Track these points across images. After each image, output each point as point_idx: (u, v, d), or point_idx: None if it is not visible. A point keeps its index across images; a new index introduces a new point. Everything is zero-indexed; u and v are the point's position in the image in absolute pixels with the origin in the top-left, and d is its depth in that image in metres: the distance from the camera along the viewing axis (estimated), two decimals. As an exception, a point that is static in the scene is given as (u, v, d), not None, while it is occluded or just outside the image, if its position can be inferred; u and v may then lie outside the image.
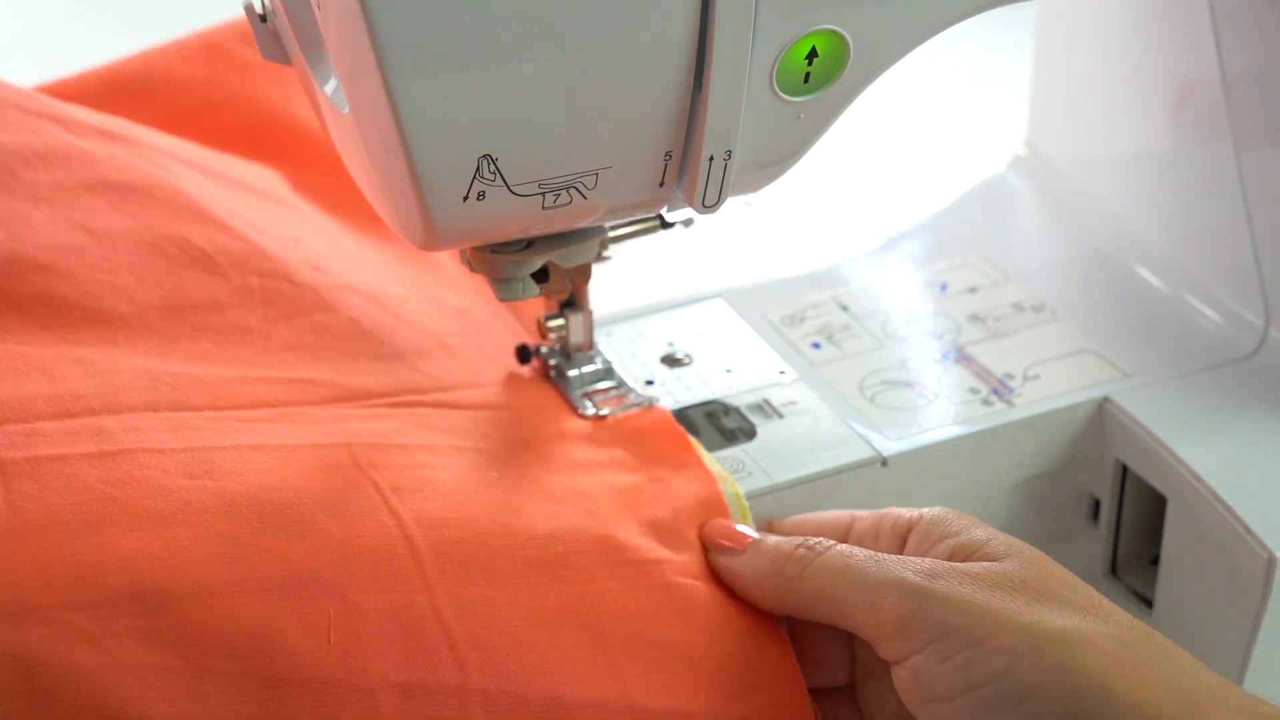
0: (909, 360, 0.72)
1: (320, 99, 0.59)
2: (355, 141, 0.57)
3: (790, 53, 0.55)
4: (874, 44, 0.57)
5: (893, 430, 0.67)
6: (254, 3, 0.60)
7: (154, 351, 0.63)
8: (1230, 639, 0.65)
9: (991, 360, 0.72)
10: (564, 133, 0.54)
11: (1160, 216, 0.77)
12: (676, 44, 0.53)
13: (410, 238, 0.57)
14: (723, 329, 0.74)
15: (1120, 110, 0.78)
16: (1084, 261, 0.79)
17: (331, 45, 0.55)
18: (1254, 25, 0.69)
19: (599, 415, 0.65)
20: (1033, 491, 0.70)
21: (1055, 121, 0.83)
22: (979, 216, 0.83)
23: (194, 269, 0.66)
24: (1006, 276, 0.77)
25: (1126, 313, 0.75)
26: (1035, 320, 0.74)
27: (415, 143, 0.52)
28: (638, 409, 0.66)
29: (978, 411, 0.69)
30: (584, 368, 0.68)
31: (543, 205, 0.56)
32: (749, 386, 0.70)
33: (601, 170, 0.55)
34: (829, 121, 0.59)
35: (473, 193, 0.54)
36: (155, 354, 0.62)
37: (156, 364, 0.62)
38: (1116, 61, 0.77)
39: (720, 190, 0.58)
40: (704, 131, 0.55)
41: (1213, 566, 0.65)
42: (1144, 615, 0.70)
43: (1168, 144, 0.76)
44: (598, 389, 0.67)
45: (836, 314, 0.75)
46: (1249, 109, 0.70)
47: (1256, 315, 0.73)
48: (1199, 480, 0.65)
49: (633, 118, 0.55)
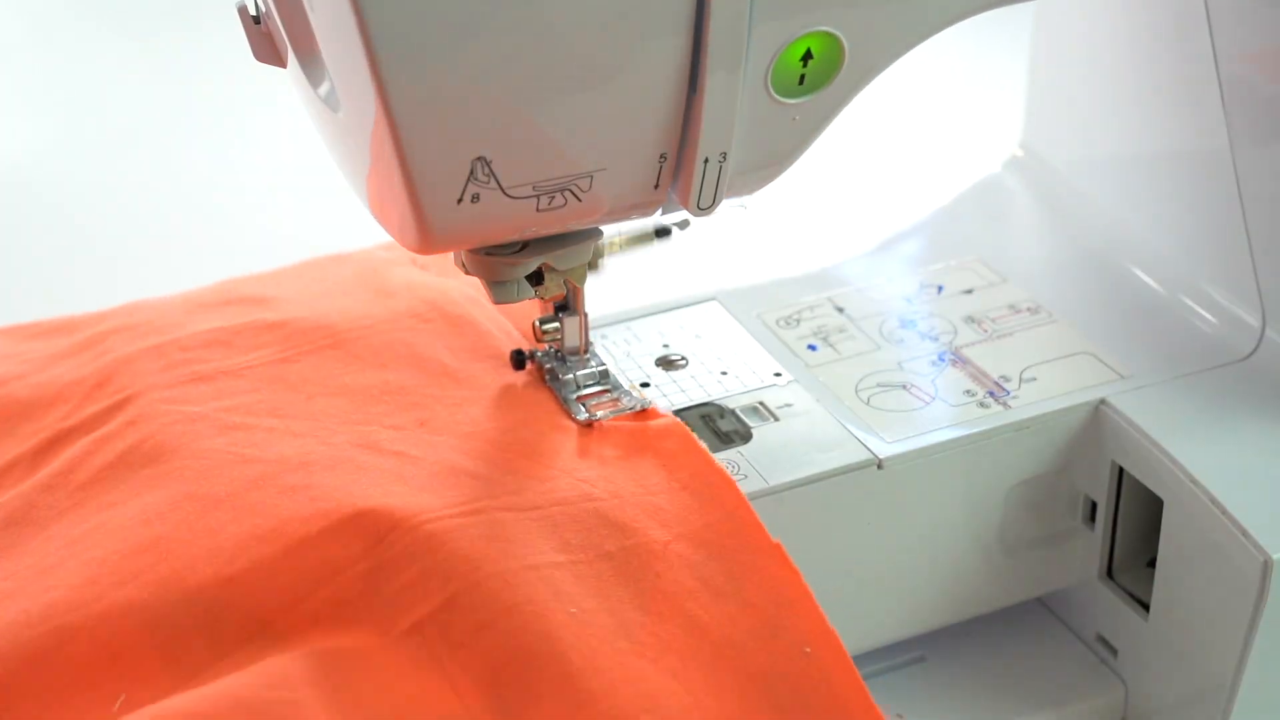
0: (905, 362, 0.72)
1: (313, 101, 0.58)
2: (349, 144, 0.57)
3: (785, 54, 0.55)
4: (869, 46, 0.57)
5: (889, 432, 0.67)
6: (247, 4, 0.60)
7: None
8: (1226, 642, 0.65)
9: (988, 362, 0.71)
10: (558, 135, 0.54)
11: (1157, 218, 0.77)
12: (671, 46, 0.53)
13: (405, 240, 0.57)
14: (718, 331, 0.74)
15: (1116, 112, 0.78)
16: (1080, 263, 0.79)
17: (325, 47, 0.54)
18: (1251, 26, 0.69)
19: (593, 419, 0.65)
20: (1029, 494, 0.70)
21: (1051, 123, 0.83)
22: (975, 218, 0.83)
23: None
24: (1002, 278, 0.77)
25: (1123, 315, 0.75)
26: (1031, 322, 0.74)
27: (409, 145, 0.52)
28: (632, 412, 0.65)
29: (974, 414, 0.68)
30: (579, 371, 0.67)
31: (537, 208, 0.56)
32: (744, 389, 0.70)
33: (596, 173, 0.55)
34: (824, 123, 0.59)
35: (467, 195, 0.54)
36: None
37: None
38: (1113, 63, 0.77)
39: (715, 192, 0.58)
40: (699, 134, 0.55)
41: (1209, 569, 0.65)
42: (1140, 618, 0.70)
43: (1164, 145, 0.76)
44: (592, 392, 0.67)
45: (832, 316, 0.75)
46: (1245, 110, 0.70)
47: (1253, 317, 0.73)
48: (1195, 483, 0.65)
49: (627, 120, 0.55)
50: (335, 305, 0.71)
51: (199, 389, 0.66)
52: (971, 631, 0.74)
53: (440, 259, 0.74)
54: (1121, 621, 0.71)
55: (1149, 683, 0.70)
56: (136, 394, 0.66)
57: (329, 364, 0.68)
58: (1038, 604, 0.75)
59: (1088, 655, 0.73)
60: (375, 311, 0.71)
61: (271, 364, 0.68)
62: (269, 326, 0.70)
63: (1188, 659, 0.68)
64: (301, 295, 0.73)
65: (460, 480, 0.61)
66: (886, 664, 0.72)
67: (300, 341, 0.69)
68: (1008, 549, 0.70)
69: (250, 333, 0.69)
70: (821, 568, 0.65)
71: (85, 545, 0.59)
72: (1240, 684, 0.65)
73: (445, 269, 0.74)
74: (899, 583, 0.69)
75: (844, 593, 0.67)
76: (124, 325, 0.71)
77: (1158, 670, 0.70)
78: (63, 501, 0.62)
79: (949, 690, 0.72)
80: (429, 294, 0.72)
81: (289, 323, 0.70)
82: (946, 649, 0.73)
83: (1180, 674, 0.68)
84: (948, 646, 0.73)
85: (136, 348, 0.69)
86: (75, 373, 0.69)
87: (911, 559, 0.68)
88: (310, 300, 0.72)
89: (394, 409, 0.65)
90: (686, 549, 0.59)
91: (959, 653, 0.73)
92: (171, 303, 0.73)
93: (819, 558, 0.65)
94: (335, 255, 0.77)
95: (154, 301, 0.74)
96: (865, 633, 0.69)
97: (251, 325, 0.70)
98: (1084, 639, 0.74)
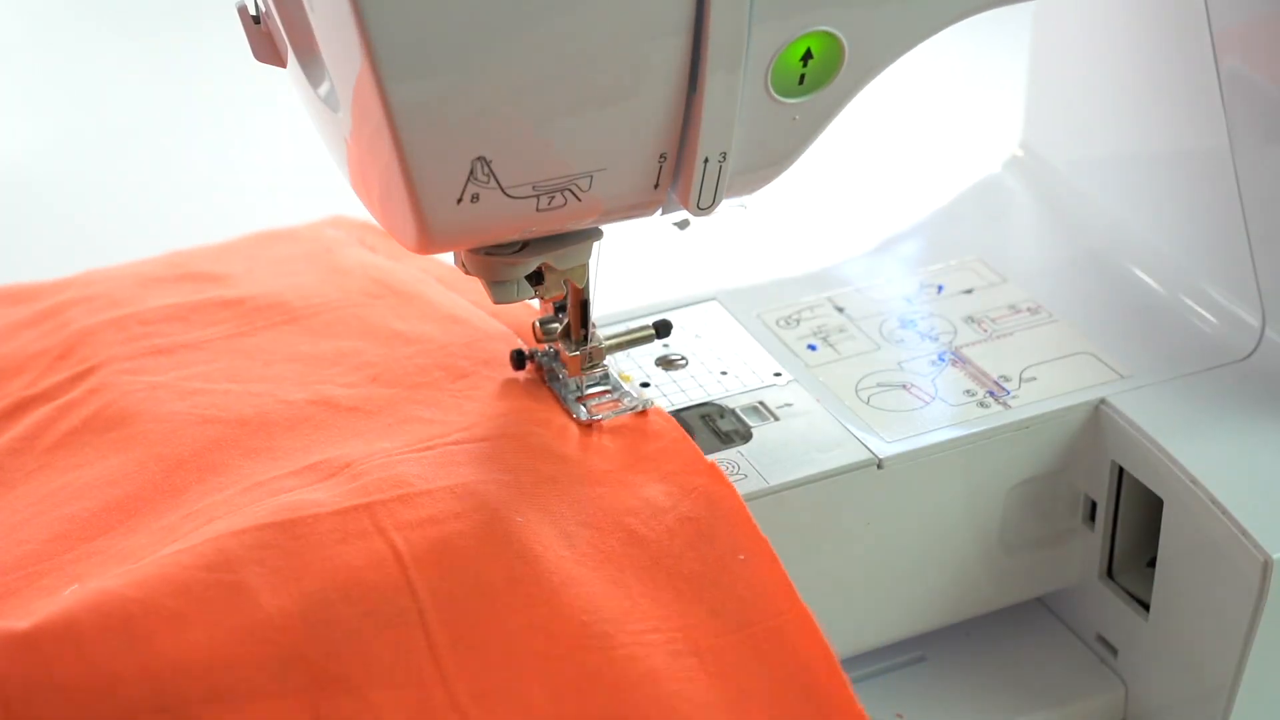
0: (905, 362, 0.72)
1: (313, 101, 0.58)
2: (349, 144, 0.57)
3: (785, 54, 0.55)
4: (869, 45, 0.57)
5: (889, 432, 0.67)
6: (247, 4, 0.60)
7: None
8: (1226, 642, 0.65)
9: (987, 362, 0.71)
10: (558, 135, 0.54)
11: (1157, 218, 0.77)
12: (671, 46, 0.53)
13: (404, 240, 0.57)
14: (718, 331, 0.74)
15: (1116, 112, 0.78)
16: (1080, 263, 0.78)
17: (325, 47, 0.54)
18: (1251, 26, 0.69)
19: (593, 419, 0.65)
20: (1029, 494, 0.70)
21: (1051, 123, 0.83)
22: (975, 218, 0.83)
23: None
24: (1002, 278, 0.77)
25: (1123, 314, 0.75)
26: (1031, 322, 0.74)
27: (409, 145, 0.52)
28: (633, 412, 0.65)
29: (974, 413, 0.68)
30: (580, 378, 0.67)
31: (537, 207, 0.56)
32: (744, 389, 0.70)
33: (596, 173, 0.55)
34: (824, 123, 0.59)
35: (467, 195, 0.54)
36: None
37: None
38: (1113, 63, 0.77)
39: (715, 192, 0.58)
40: (699, 133, 0.55)
41: (1209, 569, 0.65)
42: (1140, 618, 0.70)
43: (1164, 145, 0.76)
44: (593, 393, 0.67)
45: (832, 316, 0.75)
46: (1245, 110, 0.70)
47: (1253, 317, 0.73)
48: (1195, 483, 0.65)
49: (627, 120, 0.54)
50: (289, 283, 0.74)
51: (159, 360, 0.68)
52: (971, 631, 0.74)
53: (389, 241, 0.76)
54: (1121, 621, 0.71)
55: (1149, 683, 0.70)
56: (99, 364, 0.68)
57: (284, 336, 0.70)
58: (1038, 604, 0.75)
59: (1088, 655, 0.73)
60: (328, 290, 0.73)
61: (229, 338, 0.70)
62: (226, 304, 0.72)
63: (1188, 659, 0.68)
64: (255, 273, 0.75)
65: (414, 426, 0.64)
66: (886, 664, 0.72)
67: (256, 318, 0.71)
68: (1008, 549, 0.70)
69: (208, 309, 0.72)
70: (821, 567, 0.66)
71: (54, 503, 0.61)
72: (1240, 684, 0.65)
73: (394, 252, 0.77)
74: (899, 582, 0.69)
75: (843, 593, 0.67)
76: (83, 297, 0.73)
77: (1158, 670, 0.70)
78: (30, 464, 0.64)
79: (949, 690, 0.72)
80: (379, 274, 0.75)
81: (245, 300, 0.72)
82: (946, 649, 0.73)
83: (1180, 674, 0.68)
84: (948, 646, 0.73)
85: (97, 320, 0.71)
86: (38, 344, 0.71)
87: (911, 559, 0.68)
88: (265, 278, 0.74)
89: (347, 370, 0.68)
90: (627, 475, 0.62)
91: (959, 653, 0.73)
92: (126, 273, 0.76)
93: (819, 557, 0.66)
94: (283, 230, 0.80)
95: (109, 271, 0.76)
96: (865, 632, 0.69)
97: (208, 302, 0.72)
98: (1084, 639, 0.74)
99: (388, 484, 0.59)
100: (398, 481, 0.59)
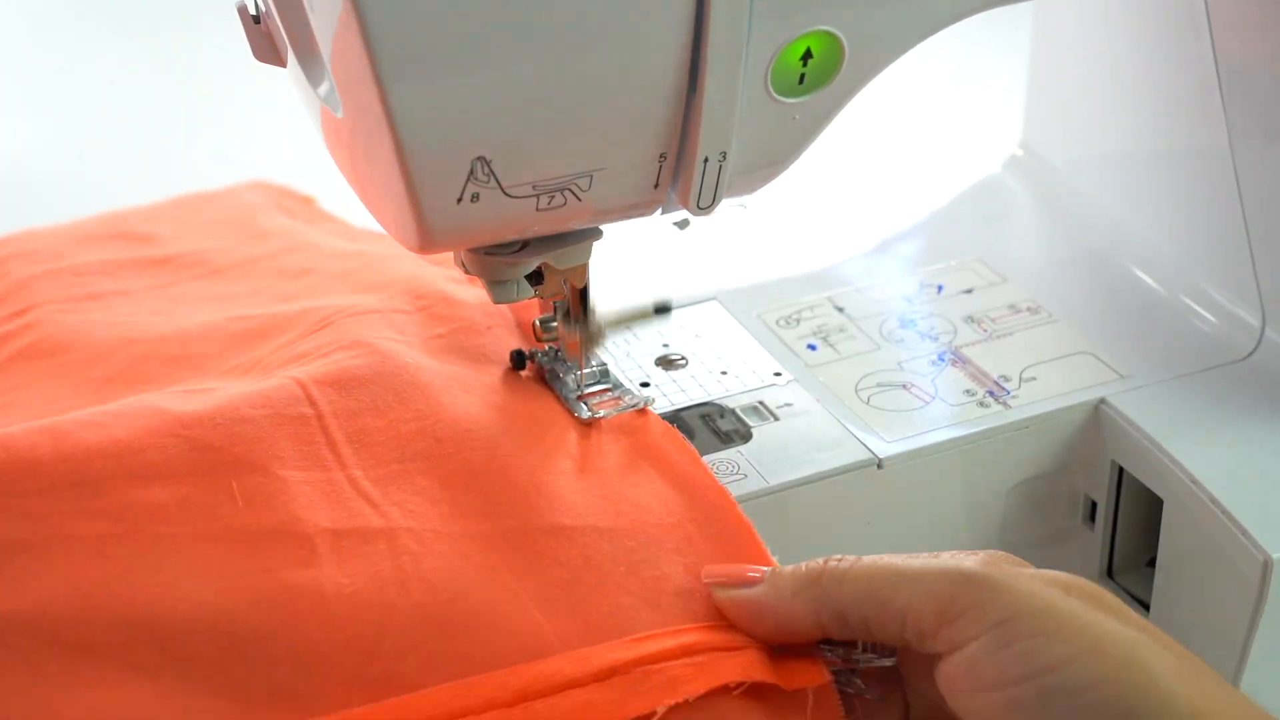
0: (905, 362, 0.72)
1: (313, 101, 0.58)
2: (349, 144, 0.57)
3: (785, 54, 0.55)
4: (869, 45, 0.57)
5: (889, 432, 0.67)
6: (247, 4, 0.60)
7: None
8: (1226, 642, 0.65)
9: (987, 362, 0.71)
10: (558, 135, 0.54)
11: (1156, 218, 0.77)
12: (671, 45, 0.53)
13: (404, 240, 0.57)
14: (718, 331, 0.74)
15: (1116, 111, 0.78)
16: (1080, 263, 0.79)
17: (324, 47, 0.54)
18: (1250, 26, 0.69)
19: (595, 417, 0.65)
20: (1029, 494, 0.70)
21: (1051, 122, 0.83)
22: (975, 218, 0.83)
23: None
24: (1002, 278, 0.77)
25: (1123, 314, 0.75)
26: (1031, 322, 0.74)
27: (409, 145, 0.52)
28: (633, 410, 0.65)
29: (974, 413, 0.68)
30: (579, 370, 0.67)
31: (537, 207, 0.55)
32: (744, 388, 0.70)
33: (596, 172, 0.55)
34: (824, 123, 0.59)
35: (466, 195, 0.54)
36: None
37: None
38: (1112, 62, 0.77)
39: (715, 192, 0.58)
40: (699, 133, 0.55)
41: (1209, 569, 0.65)
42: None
43: (1164, 145, 0.76)
44: (593, 391, 0.67)
45: (832, 315, 0.75)
46: (1245, 110, 0.70)
47: (1253, 317, 0.73)
48: (1195, 482, 0.65)
49: (627, 120, 0.54)
50: (213, 245, 0.80)
51: (91, 305, 0.75)
52: (971, 631, 0.73)
53: (307, 206, 0.85)
54: (1121, 621, 0.71)
55: (1149, 682, 0.70)
56: (35, 305, 0.75)
57: (205, 285, 0.77)
58: (1038, 604, 0.75)
59: (1088, 655, 0.73)
60: (249, 249, 0.80)
61: (156, 288, 0.77)
62: (154, 261, 0.79)
63: (1188, 659, 0.68)
64: (181, 234, 0.82)
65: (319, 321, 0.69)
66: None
67: (181, 274, 0.78)
68: (1008, 549, 0.70)
69: (136, 266, 0.79)
70: (821, 567, 0.65)
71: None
72: (1240, 684, 0.65)
73: (312, 218, 0.84)
74: (899, 582, 0.69)
75: (844, 592, 0.67)
76: (20, 252, 0.79)
77: (1158, 670, 0.70)
78: None
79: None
80: (300, 239, 0.80)
81: (172, 259, 0.79)
82: (946, 649, 0.73)
83: (1180, 674, 0.68)
84: (948, 646, 0.73)
85: (33, 271, 0.77)
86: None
87: (911, 559, 0.68)
88: (190, 239, 0.81)
89: (261, 301, 0.74)
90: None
91: (959, 653, 0.73)
92: (62, 230, 0.83)
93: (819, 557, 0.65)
94: (206, 194, 0.86)
95: (45, 230, 0.83)
96: (865, 632, 0.69)
97: (137, 260, 0.79)
98: (1084, 639, 0.74)
99: (301, 359, 0.65)
100: (312, 356, 0.65)
